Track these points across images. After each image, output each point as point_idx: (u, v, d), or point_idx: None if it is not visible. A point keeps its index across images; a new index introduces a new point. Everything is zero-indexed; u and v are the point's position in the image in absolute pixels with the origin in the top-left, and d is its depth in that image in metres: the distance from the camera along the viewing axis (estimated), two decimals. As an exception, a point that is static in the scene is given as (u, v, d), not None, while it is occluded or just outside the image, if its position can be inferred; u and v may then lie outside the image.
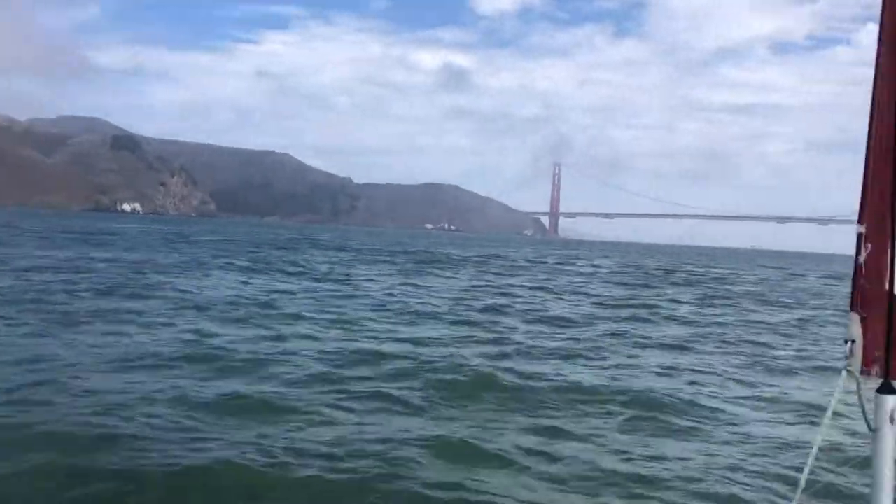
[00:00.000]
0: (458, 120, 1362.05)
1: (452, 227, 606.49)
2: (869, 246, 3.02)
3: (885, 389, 2.86)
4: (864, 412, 2.95)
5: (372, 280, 43.45)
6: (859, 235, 3.04)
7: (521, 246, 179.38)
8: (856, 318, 3.08)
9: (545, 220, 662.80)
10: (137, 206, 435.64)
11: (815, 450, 3.08)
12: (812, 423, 13.37)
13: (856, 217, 3.09)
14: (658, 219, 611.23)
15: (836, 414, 3.01)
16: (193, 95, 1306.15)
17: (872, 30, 3.00)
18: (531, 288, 44.72)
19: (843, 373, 3.02)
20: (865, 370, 3.04)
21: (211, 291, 30.71)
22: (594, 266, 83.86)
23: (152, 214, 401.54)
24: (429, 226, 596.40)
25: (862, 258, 3.04)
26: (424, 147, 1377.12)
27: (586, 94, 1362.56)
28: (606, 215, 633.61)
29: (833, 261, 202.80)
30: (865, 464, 2.99)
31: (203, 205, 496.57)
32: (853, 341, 3.06)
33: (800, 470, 3.44)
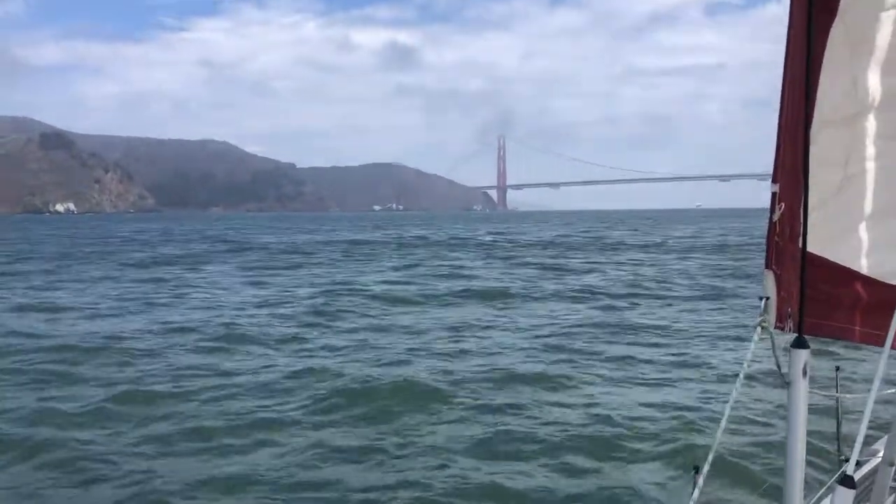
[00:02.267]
0: (400, 98, 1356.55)
1: (400, 207, 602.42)
2: (782, 205, 3.06)
3: (798, 344, 2.91)
4: (778, 366, 3.03)
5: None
6: (773, 195, 3.08)
7: (454, 222, 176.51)
8: (770, 274, 3.14)
9: (494, 195, 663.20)
10: (71, 205, 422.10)
11: (730, 402, 3.16)
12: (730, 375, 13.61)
13: None
14: (604, 185, 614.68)
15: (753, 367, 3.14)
16: (127, 88, 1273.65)
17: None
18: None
19: (758, 328, 3.10)
20: (779, 325, 3.11)
21: None
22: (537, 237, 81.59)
23: (88, 213, 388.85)
24: (376, 207, 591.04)
25: (776, 217, 3.08)
26: (368, 127, 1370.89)
27: (527, 66, 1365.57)
28: (552, 185, 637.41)
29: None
30: (781, 414, 2.84)
31: (141, 200, 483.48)
32: (767, 298, 3.13)
33: (717, 421, 3.49)
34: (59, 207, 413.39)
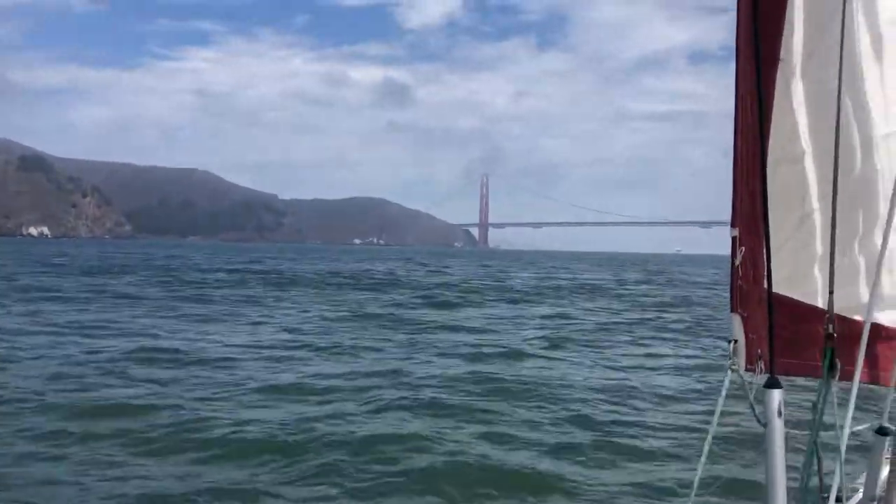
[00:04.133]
0: (387, 134, 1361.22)
1: (381, 242, 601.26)
2: (743, 248, 3.11)
3: (770, 384, 2.94)
4: (752, 408, 3.04)
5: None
6: (734, 239, 3.12)
7: (426, 257, 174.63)
8: (736, 318, 3.18)
9: (476, 232, 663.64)
10: (45, 229, 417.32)
11: (706, 448, 3.21)
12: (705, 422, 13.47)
13: None
14: (584, 227, 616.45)
15: (726, 412, 3.17)
16: (115, 114, 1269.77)
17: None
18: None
19: (729, 372, 3.11)
20: (750, 368, 3.16)
21: None
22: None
23: (63, 238, 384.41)
24: (357, 241, 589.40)
25: (738, 260, 3.12)
26: (353, 161, 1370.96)
27: (516, 106, 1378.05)
28: (535, 225, 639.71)
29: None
30: (759, 457, 3.04)
31: (118, 226, 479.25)
32: (735, 341, 3.17)
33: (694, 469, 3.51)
34: (33, 231, 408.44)
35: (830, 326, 2.98)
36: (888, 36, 3.06)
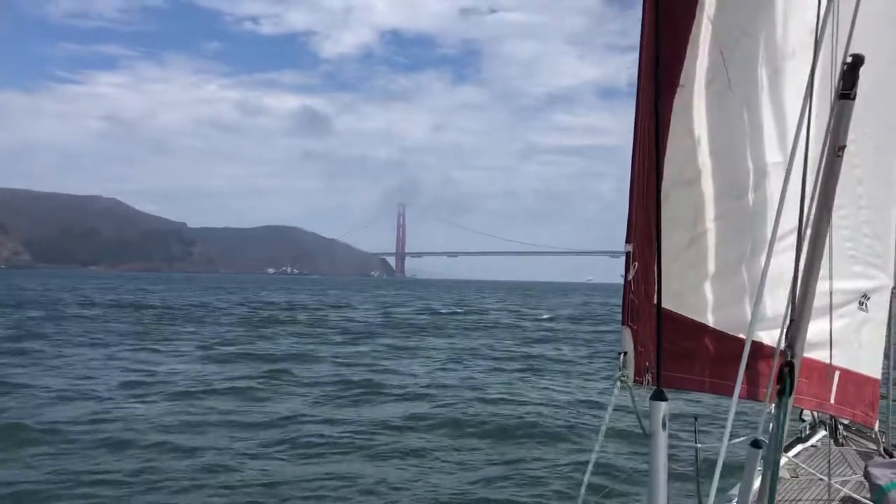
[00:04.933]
0: (303, 162, 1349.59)
1: (296, 271, 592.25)
2: (636, 264, 3.23)
3: (657, 396, 3.03)
4: (639, 419, 3.15)
5: None
6: (627, 254, 3.26)
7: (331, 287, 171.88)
8: (627, 331, 3.30)
9: (393, 261, 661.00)
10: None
11: (593, 457, 3.41)
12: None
13: None
14: (499, 256, 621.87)
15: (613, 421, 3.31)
16: (9, 138, 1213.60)
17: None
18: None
19: (618, 382, 3.26)
20: (638, 380, 3.29)
21: None
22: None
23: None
24: (270, 270, 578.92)
25: (630, 275, 3.26)
26: (269, 190, 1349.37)
27: (430, 137, 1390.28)
28: (451, 254, 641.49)
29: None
30: (643, 466, 3.17)
31: (15, 255, 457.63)
32: (625, 353, 3.29)
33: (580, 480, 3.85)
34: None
35: (789, 353, 2.99)
36: (786, 69, 3.17)
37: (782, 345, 3.04)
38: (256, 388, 21.61)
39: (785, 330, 3.05)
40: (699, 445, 4.63)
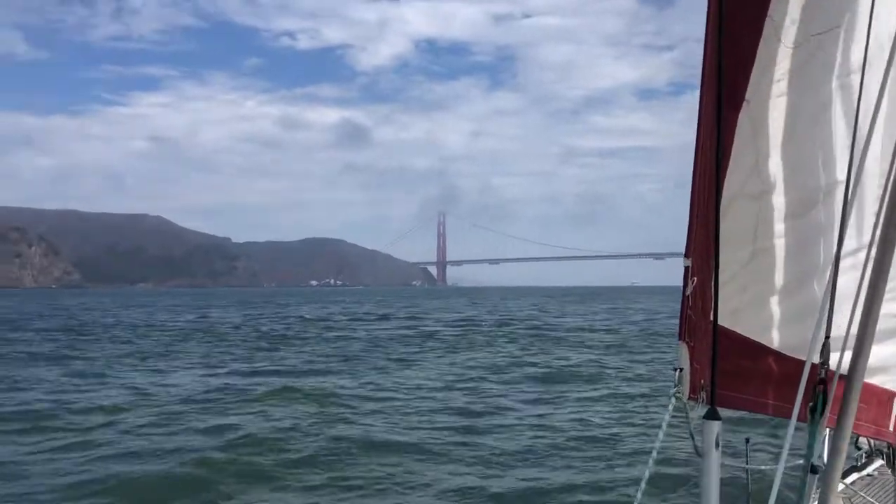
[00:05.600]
0: (343, 175, 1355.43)
1: (339, 283, 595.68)
2: (695, 279, 3.19)
3: (711, 415, 3.00)
4: (692, 437, 3.08)
5: None
6: (686, 269, 3.22)
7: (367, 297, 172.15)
8: (683, 347, 3.27)
9: (434, 270, 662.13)
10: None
11: (646, 474, 3.29)
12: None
13: None
14: (542, 262, 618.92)
15: (669, 436, 3.22)
16: (61, 161, 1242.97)
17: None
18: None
19: (672, 399, 3.21)
20: (693, 397, 3.24)
21: None
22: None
23: (5, 288, 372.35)
24: (314, 282, 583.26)
25: (688, 290, 3.22)
26: (308, 203, 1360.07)
27: (468, 145, 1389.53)
28: (492, 261, 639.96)
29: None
30: (695, 485, 3.09)
31: (66, 275, 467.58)
32: (681, 369, 3.26)
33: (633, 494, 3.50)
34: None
35: (823, 371, 2.92)
36: (856, 82, 3.06)
37: (843, 368, 2.91)
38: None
39: (845, 352, 2.92)
40: (751, 467, 4.41)
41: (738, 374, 3.20)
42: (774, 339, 3.21)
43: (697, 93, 3.15)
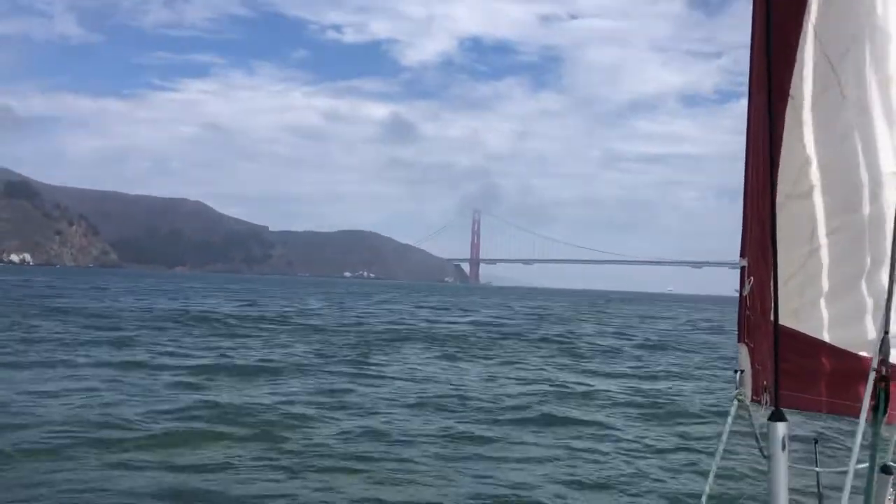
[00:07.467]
0: (383, 169, 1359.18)
1: (371, 275, 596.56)
2: (751, 279, 3.19)
3: (775, 417, 2.94)
4: (757, 440, 3.08)
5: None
6: (742, 269, 3.23)
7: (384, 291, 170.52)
8: (743, 348, 3.26)
9: (467, 267, 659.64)
10: (27, 256, 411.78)
11: (711, 477, 3.26)
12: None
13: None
14: (576, 264, 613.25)
15: (732, 440, 3.20)
16: (109, 143, 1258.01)
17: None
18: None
19: (735, 402, 3.21)
20: (756, 399, 3.21)
21: None
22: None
23: (45, 265, 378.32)
24: (347, 273, 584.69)
25: (746, 291, 3.22)
26: (346, 195, 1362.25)
27: (509, 144, 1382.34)
28: (525, 261, 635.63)
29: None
30: (762, 488, 3.23)
31: (104, 255, 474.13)
32: (742, 371, 3.25)
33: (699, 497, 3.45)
34: (14, 258, 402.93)
35: (884, 368, 2.86)
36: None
37: None
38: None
39: None
40: (821, 469, 4.28)
41: (801, 374, 3.11)
42: (835, 337, 3.10)
43: (743, 101, 3.12)
